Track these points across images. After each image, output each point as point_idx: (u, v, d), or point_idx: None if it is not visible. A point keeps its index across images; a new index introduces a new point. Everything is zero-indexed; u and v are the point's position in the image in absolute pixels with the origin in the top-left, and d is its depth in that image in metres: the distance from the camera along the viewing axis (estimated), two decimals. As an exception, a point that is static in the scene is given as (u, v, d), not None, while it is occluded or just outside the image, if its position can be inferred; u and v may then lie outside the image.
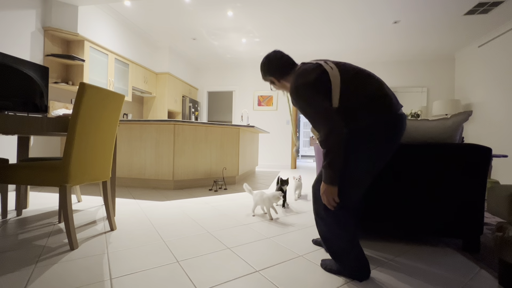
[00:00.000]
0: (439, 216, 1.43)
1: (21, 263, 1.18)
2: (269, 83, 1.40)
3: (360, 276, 1.11)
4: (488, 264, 1.28)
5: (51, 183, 1.35)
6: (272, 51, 1.36)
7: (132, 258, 1.27)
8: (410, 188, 1.45)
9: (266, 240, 1.55)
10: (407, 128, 1.55)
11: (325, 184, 1.08)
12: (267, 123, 6.38)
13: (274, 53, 1.33)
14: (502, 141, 4.02)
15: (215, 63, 6.40)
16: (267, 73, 1.36)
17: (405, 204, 1.46)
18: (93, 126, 1.46)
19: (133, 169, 3.16)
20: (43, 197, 2.54)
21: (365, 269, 1.11)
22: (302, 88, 1.11)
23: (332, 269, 1.17)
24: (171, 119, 3.22)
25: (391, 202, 1.48)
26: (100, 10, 3.72)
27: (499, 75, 4.12)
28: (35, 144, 3.11)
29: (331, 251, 1.16)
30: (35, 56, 3.04)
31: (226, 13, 3.88)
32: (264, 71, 1.37)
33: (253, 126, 3.62)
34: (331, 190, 1.07)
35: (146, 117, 5.27)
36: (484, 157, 1.37)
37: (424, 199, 1.44)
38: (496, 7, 3.49)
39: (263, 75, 1.39)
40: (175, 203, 2.40)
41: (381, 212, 1.49)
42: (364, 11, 3.71)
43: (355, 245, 1.11)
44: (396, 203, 1.47)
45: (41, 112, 1.78)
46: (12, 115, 1.26)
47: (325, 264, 1.22)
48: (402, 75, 5.72)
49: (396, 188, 1.47)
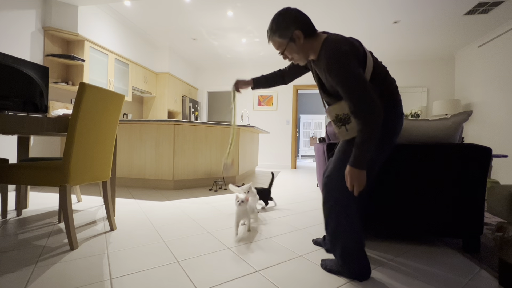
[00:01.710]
0: (439, 216, 1.43)
1: (21, 263, 1.18)
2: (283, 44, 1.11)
3: (360, 276, 1.10)
4: (488, 264, 1.28)
5: (51, 183, 1.36)
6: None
7: (132, 258, 1.27)
8: (410, 188, 1.45)
9: (266, 240, 1.55)
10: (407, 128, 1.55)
11: (354, 168, 0.98)
12: (267, 123, 6.38)
13: (295, 8, 1.11)
14: (502, 141, 4.02)
15: (215, 63, 6.39)
16: (292, 25, 1.06)
17: (405, 204, 1.46)
18: (93, 126, 1.46)
19: (133, 169, 3.16)
20: (43, 197, 2.54)
21: (366, 269, 1.11)
22: (348, 55, 0.98)
23: (332, 269, 1.17)
24: (171, 119, 3.22)
25: (391, 202, 1.48)
26: (100, 10, 3.72)
27: (499, 75, 4.12)
28: (35, 144, 3.11)
29: (336, 250, 1.14)
30: (35, 56, 3.04)
31: (226, 13, 3.88)
32: (288, 22, 1.07)
33: (253, 126, 3.62)
34: (362, 174, 0.98)
35: (146, 117, 5.27)
36: (484, 157, 1.37)
37: (424, 199, 1.44)
38: (496, 7, 3.49)
39: (284, 28, 1.08)
40: (175, 203, 2.40)
41: (381, 212, 1.49)
42: (364, 11, 3.71)
43: (361, 247, 1.11)
44: (396, 203, 1.47)
45: (41, 112, 1.78)
46: (12, 115, 1.26)
47: (325, 264, 1.21)
48: (402, 75, 5.72)
49: (396, 188, 1.47)
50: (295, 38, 1.08)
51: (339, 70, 0.98)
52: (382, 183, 1.48)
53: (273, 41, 1.14)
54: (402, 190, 1.46)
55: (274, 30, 1.11)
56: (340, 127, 1.15)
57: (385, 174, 1.47)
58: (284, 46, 1.12)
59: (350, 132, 1.11)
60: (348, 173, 1.01)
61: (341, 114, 1.12)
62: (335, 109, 1.13)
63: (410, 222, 1.47)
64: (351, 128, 1.10)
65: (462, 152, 1.39)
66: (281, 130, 6.32)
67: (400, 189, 1.46)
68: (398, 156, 1.46)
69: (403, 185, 1.46)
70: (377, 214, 1.50)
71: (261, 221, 1.94)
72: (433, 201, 1.43)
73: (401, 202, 1.47)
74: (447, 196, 1.42)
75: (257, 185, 3.65)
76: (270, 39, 1.15)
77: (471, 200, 1.40)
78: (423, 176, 1.43)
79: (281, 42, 1.11)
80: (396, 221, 1.48)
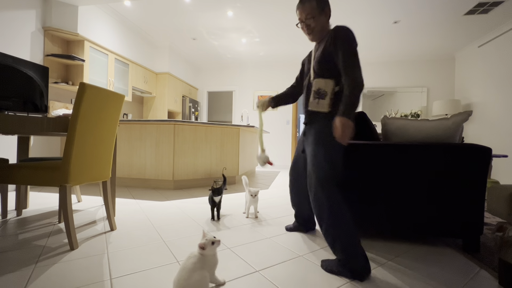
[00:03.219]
0: (439, 216, 1.43)
1: (21, 263, 1.18)
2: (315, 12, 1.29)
3: (361, 275, 1.11)
4: (488, 264, 1.28)
5: (51, 183, 1.35)
6: None
7: (132, 258, 1.27)
8: (410, 188, 1.45)
9: (266, 240, 1.55)
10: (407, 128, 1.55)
11: (347, 119, 1.13)
12: (267, 123, 6.38)
13: None
14: (502, 141, 4.02)
15: (215, 63, 6.40)
16: (327, 4, 1.31)
17: (405, 204, 1.46)
18: (93, 126, 1.46)
19: (133, 169, 3.16)
20: (43, 197, 2.54)
21: (366, 269, 1.12)
22: (355, 40, 1.22)
23: (333, 270, 1.17)
24: (171, 119, 3.22)
25: (391, 202, 1.48)
26: (100, 10, 3.72)
27: (499, 75, 4.12)
28: (35, 144, 3.11)
29: (334, 246, 1.18)
30: (35, 56, 3.04)
31: (226, 13, 3.88)
32: (326, 1, 1.31)
33: (253, 126, 3.62)
34: (350, 124, 1.14)
35: (146, 117, 5.27)
36: (484, 157, 1.37)
37: (424, 199, 1.44)
38: (496, 7, 3.49)
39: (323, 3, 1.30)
40: (175, 203, 2.40)
41: (381, 212, 1.49)
42: (364, 11, 3.71)
43: (357, 241, 1.14)
44: (396, 203, 1.47)
45: (41, 112, 1.78)
46: (12, 115, 1.26)
47: (325, 265, 1.22)
48: (402, 75, 5.72)
49: (396, 188, 1.47)
50: (327, 12, 1.31)
51: (350, 47, 1.20)
52: (382, 183, 1.48)
53: (309, 5, 1.29)
54: (402, 190, 1.46)
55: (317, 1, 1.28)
56: (315, 98, 1.32)
57: (385, 174, 1.47)
58: (315, 14, 1.29)
59: (319, 106, 1.31)
60: (339, 122, 1.14)
61: (322, 89, 1.29)
62: (320, 83, 1.30)
63: (410, 222, 1.47)
64: (321, 103, 1.30)
65: (462, 152, 1.39)
66: (281, 130, 6.32)
67: (400, 189, 1.46)
68: (398, 156, 1.46)
69: (403, 185, 1.46)
70: (377, 214, 1.50)
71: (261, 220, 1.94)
72: (433, 201, 1.43)
73: (401, 202, 1.47)
74: (447, 196, 1.42)
75: (258, 185, 3.65)
76: (306, 2, 1.29)
77: (471, 200, 1.40)
78: (423, 176, 1.43)
79: (315, 9, 1.29)
80: (396, 221, 1.48)
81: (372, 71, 5.88)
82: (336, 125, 1.14)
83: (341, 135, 1.13)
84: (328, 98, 1.27)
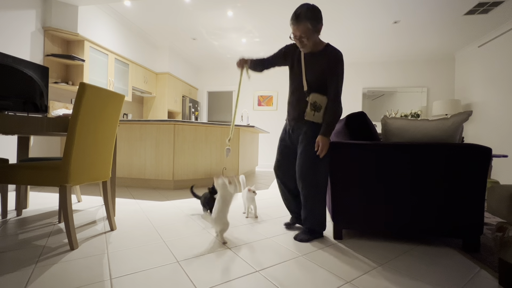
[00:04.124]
0: (439, 216, 1.43)
1: (21, 263, 1.18)
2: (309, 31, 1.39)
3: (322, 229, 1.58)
4: (488, 264, 1.28)
5: (51, 183, 1.35)
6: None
7: (132, 258, 1.27)
8: (410, 188, 1.45)
9: (266, 240, 1.55)
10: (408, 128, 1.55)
11: (327, 138, 1.46)
12: (267, 123, 6.38)
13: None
14: (502, 141, 4.02)
15: (215, 63, 6.39)
16: (321, 20, 1.42)
17: (405, 204, 1.46)
18: (93, 126, 1.46)
19: (133, 169, 3.16)
20: (43, 197, 2.54)
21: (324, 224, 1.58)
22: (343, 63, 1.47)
23: (304, 239, 1.53)
24: (171, 119, 3.22)
25: (391, 202, 1.48)
26: (100, 10, 3.72)
27: (499, 75, 4.12)
28: (35, 144, 3.11)
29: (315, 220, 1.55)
30: (35, 56, 3.04)
31: (226, 13, 3.88)
32: (320, 17, 1.40)
33: (253, 126, 3.62)
34: (328, 141, 1.47)
35: (146, 117, 5.27)
36: (484, 157, 1.37)
37: (424, 199, 1.44)
38: (496, 7, 3.49)
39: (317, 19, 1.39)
40: (175, 203, 2.40)
41: (381, 212, 1.49)
42: (364, 11, 3.71)
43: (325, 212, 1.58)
44: (396, 203, 1.47)
45: (41, 112, 1.78)
46: (12, 115, 1.26)
47: (298, 237, 1.54)
48: (402, 75, 5.72)
49: (396, 188, 1.47)
50: (319, 29, 1.42)
51: (340, 72, 1.47)
52: (382, 183, 1.48)
53: (303, 25, 1.38)
54: (402, 190, 1.46)
55: (309, 17, 1.37)
56: (311, 110, 1.52)
57: (385, 174, 1.47)
58: (309, 33, 1.40)
59: (315, 118, 1.52)
60: (320, 140, 1.46)
61: (318, 103, 1.50)
62: (317, 97, 1.50)
63: (410, 222, 1.47)
64: (317, 115, 1.52)
65: (462, 152, 1.39)
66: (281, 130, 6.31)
67: (400, 189, 1.46)
68: (398, 156, 1.46)
69: (403, 185, 1.46)
70: (377, 214, 1.50)
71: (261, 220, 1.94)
72: (433, 201, 1.43)
73: (401, 202, 1.47)
74: (447, 196, 1.42)
75: (258, 185, 3.65)
76: (301, 22, 1.38)
77: (471, 200, 1.40)
78: (423, 176, 1.43)
79: (309, 28, 1.39)
80: (396, 221, 1.48)
81: (372, 71, 5.88)
82: (319, 142, 1.45)
83: (321, 150, 1.45)
84: (322, 111, 1.50)
